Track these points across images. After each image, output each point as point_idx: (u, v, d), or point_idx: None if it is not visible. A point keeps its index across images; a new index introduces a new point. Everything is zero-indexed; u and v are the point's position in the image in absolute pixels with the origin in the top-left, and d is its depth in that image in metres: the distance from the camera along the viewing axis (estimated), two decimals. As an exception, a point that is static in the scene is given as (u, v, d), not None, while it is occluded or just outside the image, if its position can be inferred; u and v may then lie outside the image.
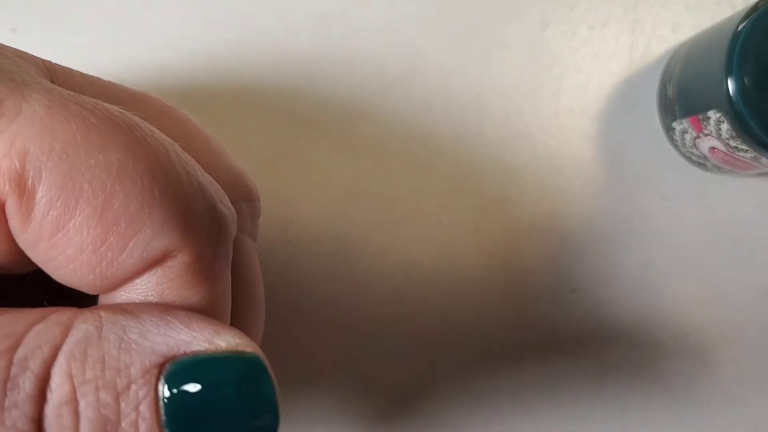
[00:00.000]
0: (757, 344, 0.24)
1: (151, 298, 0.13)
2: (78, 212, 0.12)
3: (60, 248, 0.12)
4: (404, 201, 0.24)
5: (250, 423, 0.12)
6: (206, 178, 0.14)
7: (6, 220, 0.12)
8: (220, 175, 0.17)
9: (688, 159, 0.24)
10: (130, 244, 0.12)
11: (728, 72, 0.19)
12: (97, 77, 0.16)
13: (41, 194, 0.12)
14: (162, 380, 0.12)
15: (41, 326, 0.12)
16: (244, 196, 0.18)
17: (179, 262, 0.13)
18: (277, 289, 0.24)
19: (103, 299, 0.13)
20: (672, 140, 0.24)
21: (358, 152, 0.24)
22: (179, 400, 0.12)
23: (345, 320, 0.24)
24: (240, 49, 0.24)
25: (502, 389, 0.24)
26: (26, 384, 0.11)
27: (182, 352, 0.12)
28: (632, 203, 0.24)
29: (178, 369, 0.12)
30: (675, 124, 0.23)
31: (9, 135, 0.11)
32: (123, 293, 0.13)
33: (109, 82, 0.16)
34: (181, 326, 0.12)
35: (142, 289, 0.13)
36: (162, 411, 0.12)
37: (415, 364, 0.24)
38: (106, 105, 0.13)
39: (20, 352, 0.11)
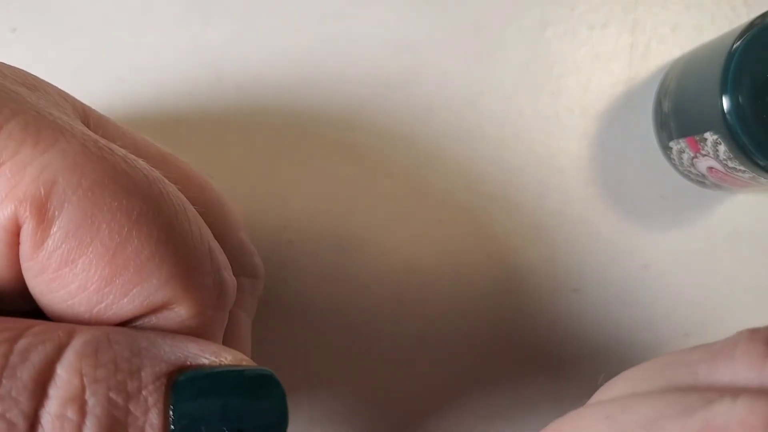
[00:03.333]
0: (757, 344, 0.24)
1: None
2: (91, 250, 0.12)
3: (64, 282, 0.12)
4: (404, 201, 0.24)
5: None
6: (215, 245, 0.14)
7: (18, 244, 0.12)
8: (230, 247, 0.18)
9: (687, 177, 0.24)
10: (134, 290, 0.12)
11: (723, 93, 0.19)
12: (130, 130, 0.16)
13: (59, 225, 0.12)
14: (172, 389, 0.12)
15: (43, 327, 0.12)
16: (248, 273, 0.19)
17: (176, 314, 0.13)
18: (276, 289, 0.24)
19: None
20: (669, 159, 0.24)
21: (358, 152, 0.24)
22: (189, 410, 0.12)
23: (345, 319, 0.24)
24: (240, 49, 0.24)
25: (502, 389, 0.24)
26: (24, 375, 0.11)
27: (189, 363, 0.12)
28: (632, 203, 0.24)
29: (188, 380, 0.12)
30: (672, 144, 0.23)
31: (40, 163, 0.12)
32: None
33: (141, 137, 0.16)
34: (186, 340, 0.12)
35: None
36: (171, 420, 0.12)
37: (415, 364, 0.24)
38: (136, 157, 0.13)
39: (22, 344, 0.11)
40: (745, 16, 0.24)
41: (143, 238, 0.12)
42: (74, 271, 0.12)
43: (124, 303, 0.12)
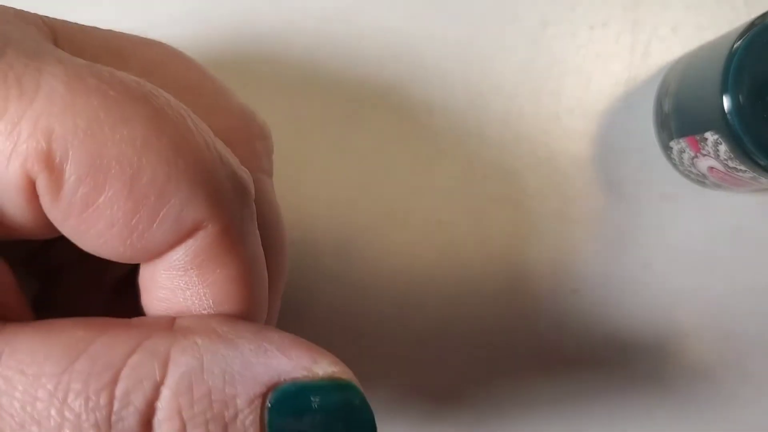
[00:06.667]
0: (757, 344, 0.24)
1: (191, 271, 0.13)
2: (108, 188, 0.12)
3: (90, 223, 0.12)
4: (404, 201, 0.24)
5: None
6: (221, 145, 0.14)
7: (37, 198, 0.12)
8: (234, 116, 0.17)
9: (687, 177, 0.24)
10: (161, 215, 0.12)
11: (724, 93, 0.19)
12: (95, 28, 0.16)
13: (70, 172, 0.12)
14: (266, 407, 0.12)
15: (137, 358, 0.12)
16: (258, 135, 0.18)
17: (210, 231, 0.13)
18: (277, 289, 0.24)
19: (144, 272, 0.14)
20: (670, 158, 0.24)
21: (358, 152, 0.24)
22: (283, 426, 0.12)
23: (344, 320, 0.24)
24: (240, 48, 0.24)
25: (501, 389, 0.24)
26: (130, 419, 0.11)
27: (283, 380, 0.12)
28: (632, 203, 0.24)
29: (281, 396, 0.12)
30: (672, 144, 0.23)
31: (32, 115, 0.11)
32: (162, 270, 0.13)
33: (108, 32, 0.16)
34: (278, 353, 0.13)
35: (180, 263, 0.13)
36: None
37: (415, 365, 0.24)
38: (121, 74, 0.13)
39: (121, 387, 0.11)
40: (745, 16, 0.24)
41: (154, 163, 0.12)
42: (98, 212, 0.12)
43: (154, 230, 0.12)
